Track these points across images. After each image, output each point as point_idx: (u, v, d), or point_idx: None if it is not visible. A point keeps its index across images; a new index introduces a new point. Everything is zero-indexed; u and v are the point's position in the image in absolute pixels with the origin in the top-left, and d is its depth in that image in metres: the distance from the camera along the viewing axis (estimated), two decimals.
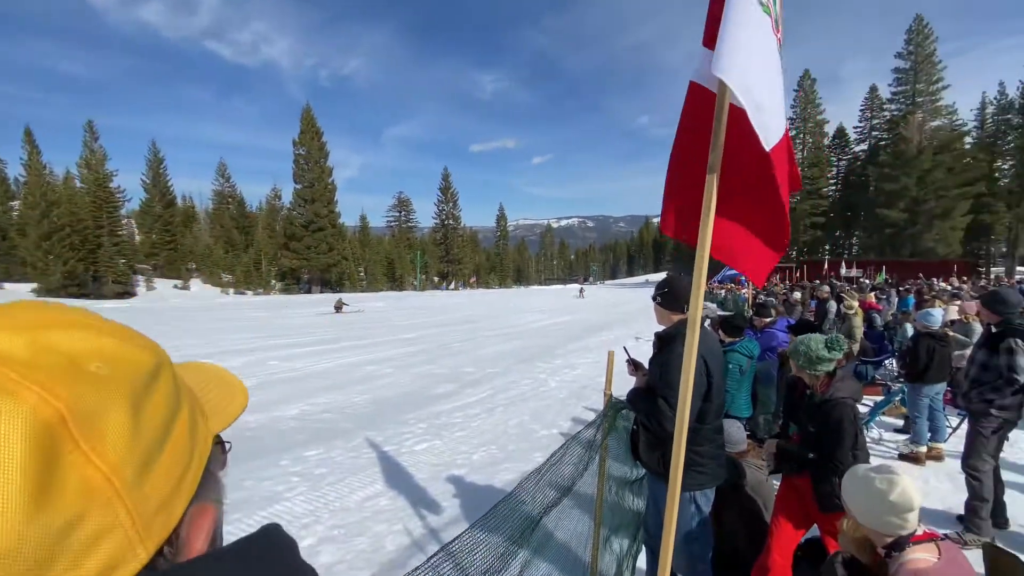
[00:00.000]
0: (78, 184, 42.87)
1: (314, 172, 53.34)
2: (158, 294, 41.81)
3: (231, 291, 47.67)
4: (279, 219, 56.94)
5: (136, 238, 47.55)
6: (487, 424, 6.18)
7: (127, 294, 39.68)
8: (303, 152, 53.28)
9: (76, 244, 36.69)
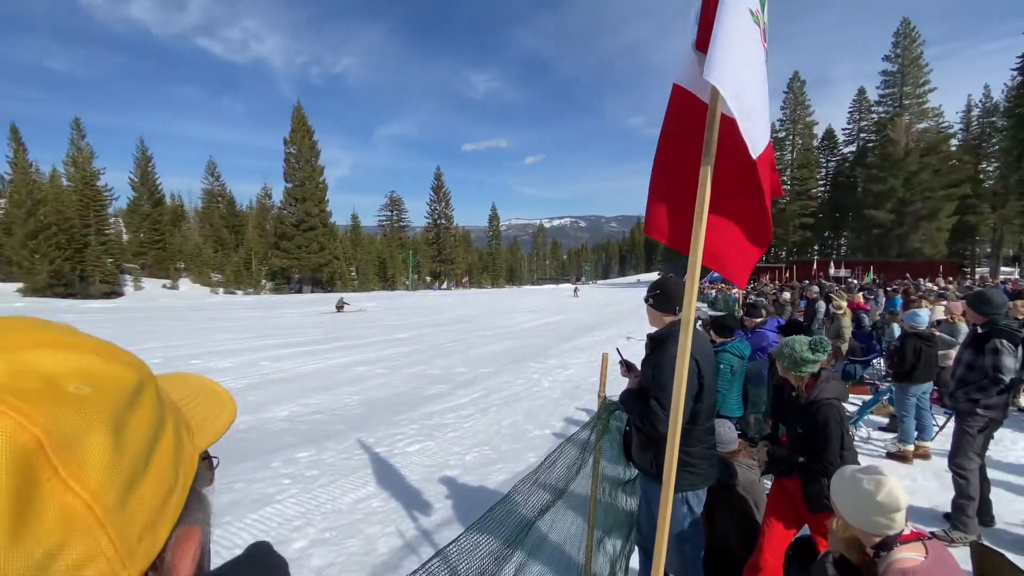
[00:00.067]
0: (65, 182, 42.31)
1: (305, 171, 52.95)
2: (146, 294, 41.30)
3: (221, 291, 47.23)
4: (269, 218, 56.45)
5: (124, 237, 46.95)
6: (480, 425, 6.18)
7: (114, 294, 39.15)
8: (294, 151, 52.87)
9: (63, 243, 36.14)
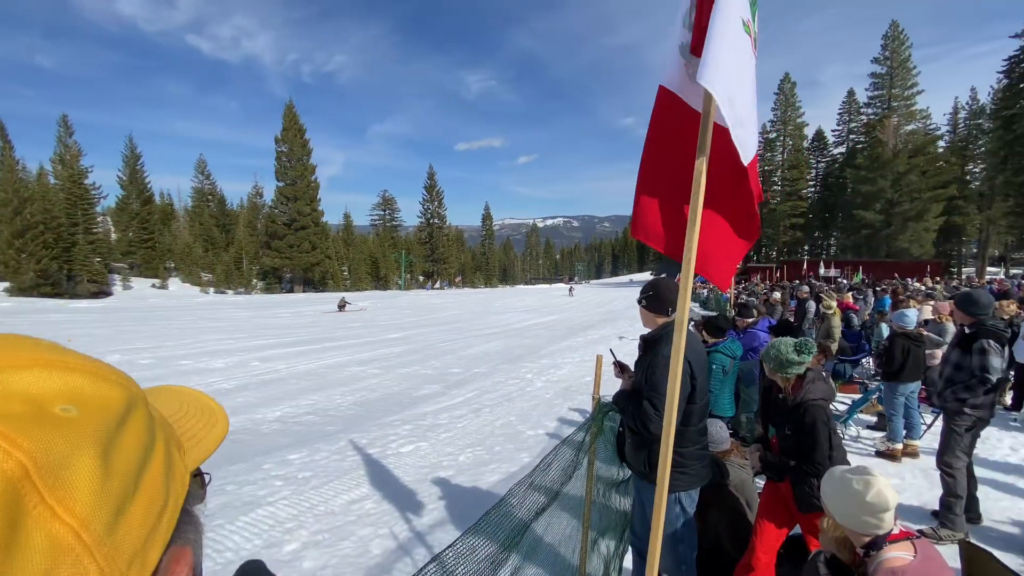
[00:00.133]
0: (52, 180, 41.57)
1: (297, 170, 52.55)
2: (135, 293, 40.78)
3: (211, 290, 46.76)
4: (261, 217, 55.97)
5: (112, 236, 46.34)
6: (473, 425, 6.17)
7: (103, 293, 38.61)
8: (285, 149, 52.43)
9: (50, 242, 35.54)
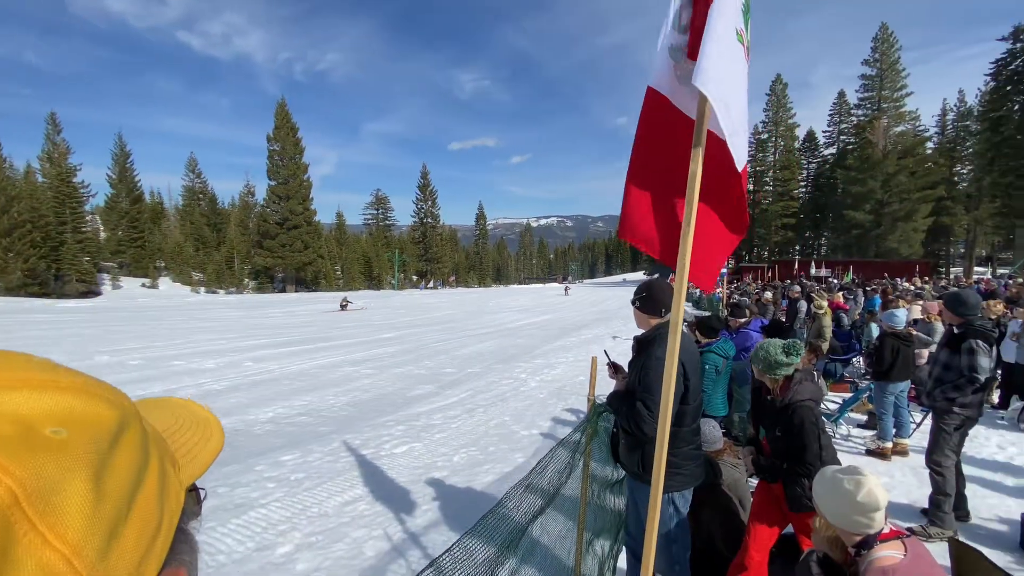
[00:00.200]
0: (40, 179, 40.99)
1: (289, 168, 52.21)
2: (125, 293, 40.33)
3: (202, 290, 46.35)
4: (252, 216, 55.51)
5: (101, 235, 45.75)
6: (467, 425, 6.16)
7: (92, 293, 38.14)
8: (277, 148, 52.06)
9: (37, 241, 35.05)
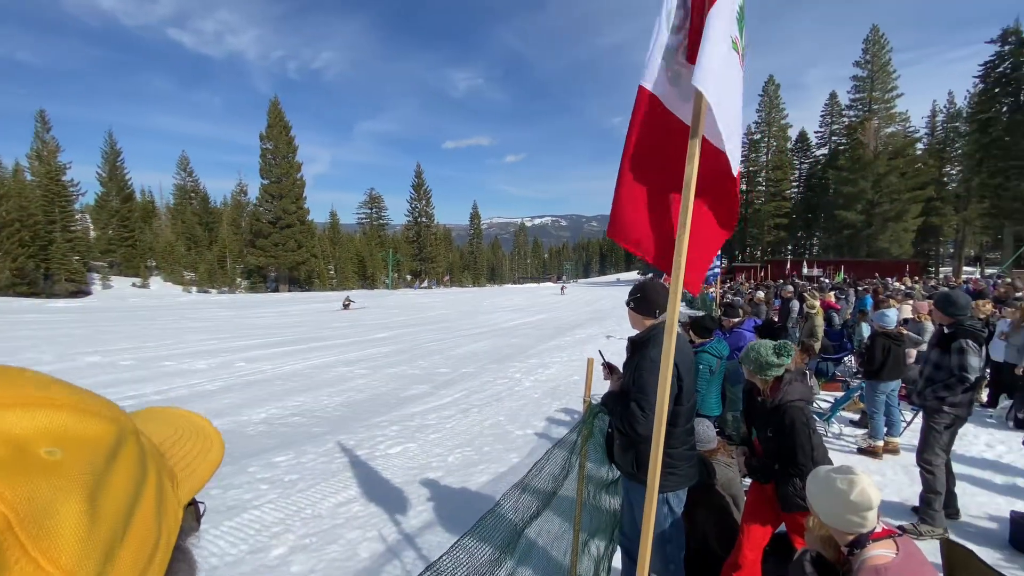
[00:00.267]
0: (28, 177, 40.45)
1: (282, 167, 51.87)
2: (115, 292, 39.92)
3: (194, 289, 45.97)
4: (245, 215, 55.09)
5: (91, 234, 45.24)
6: (462, 425, 6.16)
7: (81, 293, 37.71)
8: (270, 147, 51.72)
9: (26, 240, 34.61)
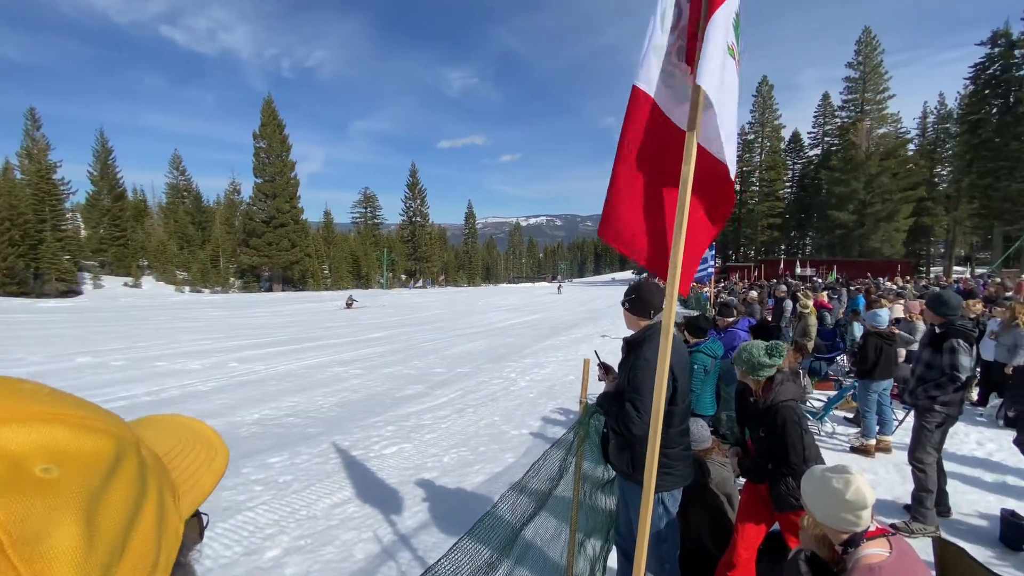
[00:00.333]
0: (18, 175, 39.99)
1: (275, 166, 51.56)
2: (106, 292, 39.54)
3: (187, 289, 45.59)
4: (238, 214, 54.71)
5: (82, 233, 44.79)
6: (457, 426, 6.15)
7: (72, 292, 37.32)
8: (264, 145, 51.36)
9: (16, 239, 34.25)
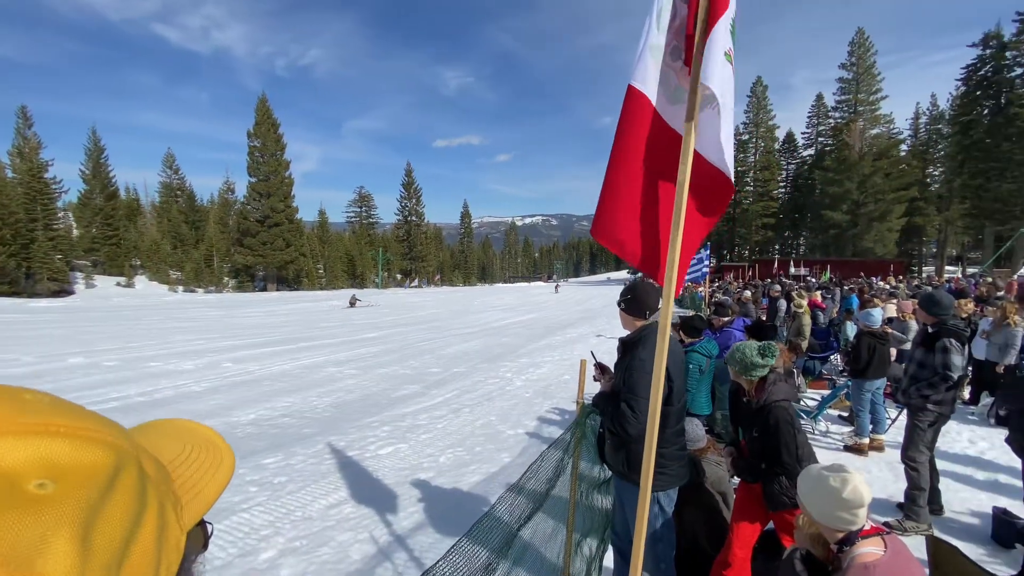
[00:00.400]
0: (9, 174, 39.60)
1: (270, 165, 51.29)
2: (99, 292, 39.21)
3: (180, 289, 45.30)
4: (232, 213, 54.40)
5: (74, 232, 44.39)
6: (453, 426, 6.14)
7: (64, 292, 37.00)
8: (258, 144, 51.08)
9: (7, 239, 33.90)
